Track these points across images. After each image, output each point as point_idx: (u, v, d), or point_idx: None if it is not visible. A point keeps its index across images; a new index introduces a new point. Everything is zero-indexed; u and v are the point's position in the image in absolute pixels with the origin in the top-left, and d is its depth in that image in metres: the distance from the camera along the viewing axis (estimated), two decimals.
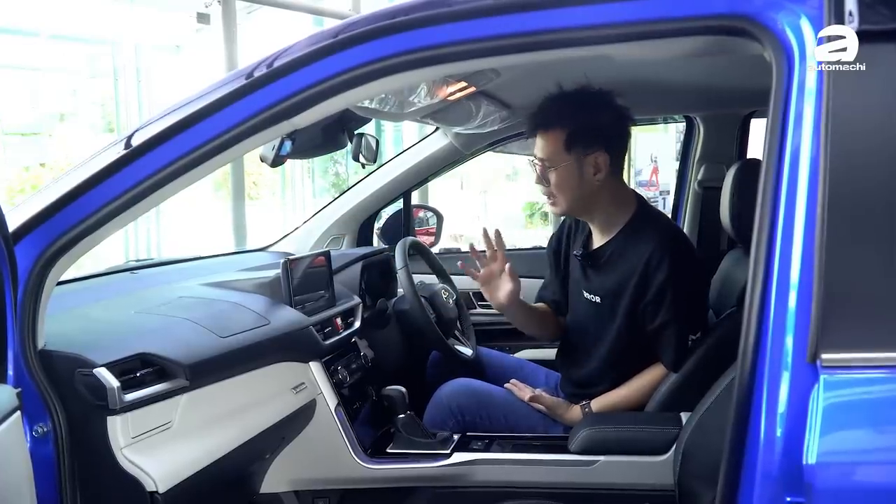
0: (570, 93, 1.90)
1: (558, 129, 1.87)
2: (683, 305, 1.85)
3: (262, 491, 1.88)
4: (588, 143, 1.86)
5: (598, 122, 1.88)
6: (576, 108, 1.88)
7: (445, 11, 1.14)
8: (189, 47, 8.07)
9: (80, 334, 1.38)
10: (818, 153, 0.98)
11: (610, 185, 1.91)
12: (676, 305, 1.83)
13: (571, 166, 1.87)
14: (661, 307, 1.84)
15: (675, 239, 1.91)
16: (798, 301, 0.97)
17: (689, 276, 1.89)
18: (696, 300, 1.94)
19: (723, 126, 2.95)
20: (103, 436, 1.28)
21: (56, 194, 1.22)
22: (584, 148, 1.86)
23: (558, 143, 1.87)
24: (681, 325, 1.85)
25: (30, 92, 7.71)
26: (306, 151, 2.18)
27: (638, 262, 1.86)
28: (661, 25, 1.08)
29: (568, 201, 1.91)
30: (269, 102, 1.20)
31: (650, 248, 1.85)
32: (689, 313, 1.88)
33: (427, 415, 2.04)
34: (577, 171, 1.87)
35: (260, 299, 1.80)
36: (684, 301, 1.86)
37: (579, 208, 1.95)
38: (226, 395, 1.55)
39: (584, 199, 1.91)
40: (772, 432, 0.97)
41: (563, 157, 1.87)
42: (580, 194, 1.89)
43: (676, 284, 1.83)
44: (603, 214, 1.95)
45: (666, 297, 1.83)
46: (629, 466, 1.77)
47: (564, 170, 1.87)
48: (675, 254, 1.84)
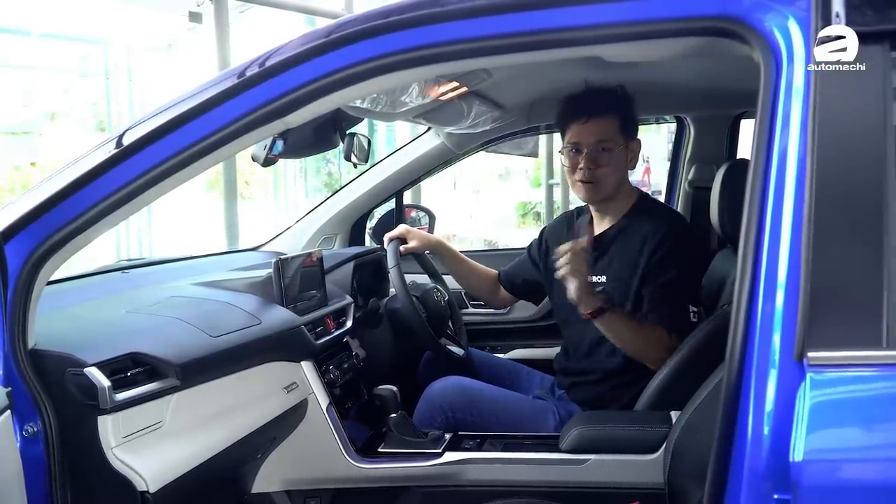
0: (610, 86, 2.04)
1: (613, 115, 2.00)
2: (683, 276, 1.95)
3: (253, 490, 1.88)
4: (632, 131, 2.04)
5: (634, 116, 2.05)
6: (621, 99, 2.03)
7: (438, 11, 1.15)
8: (181, 47, 8.04)
9: (71, 334, 1.38)
10: (805, 153, 0.99)
11: (626, 176, 2.08)
12: (679, 271, 1.94)
13: (623, 150, 2.02)
14: (664, 270, 1.94)
15: (677, 220, 2.09)
16: (785, 300, 0.98)
17: (690, 252, 2.00)
18: (693, 279, 2.02)
19: (713, 127, 2.96)
20: (94, 435, 1.28)
21: (46, 193, 1.22)
22: (630, 134, 2.03)
23: (615, 127, 2.01)
24: (679, 290, 1.93)
25: (20, 91, 7.68)
26: (298, 151, 2.18)
27: (645, 238, 1.97)
28: (651, 26, 1.08)
29: (612, 184, 2.02)
30: (261, 101, 1.20)
31: (655, 225, 1.98)
32: (687, 285, 1.97)
33: (417, 412, 2.04)
34: (623, 156, 2.03)
35: (251, 299, 1.80)
36: (685, 273, 1.96)
37: (614, 190, 2.05)
38: (217, 395, 1.55)
39: (620, 183, 2.05)
40: (759, 430, 0.97)
41: (618, 140, 2.01)
42: (620, 178, 2.04)
43: (678, 256, 1.95)
44: (620, 201, 2.08)
45: (668, 263, 1.94)
46: (619, 465, 1.78)
47: (619, 153, 2.01)
48: (678, 231, 1.99)
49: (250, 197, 10.04)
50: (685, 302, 1.94)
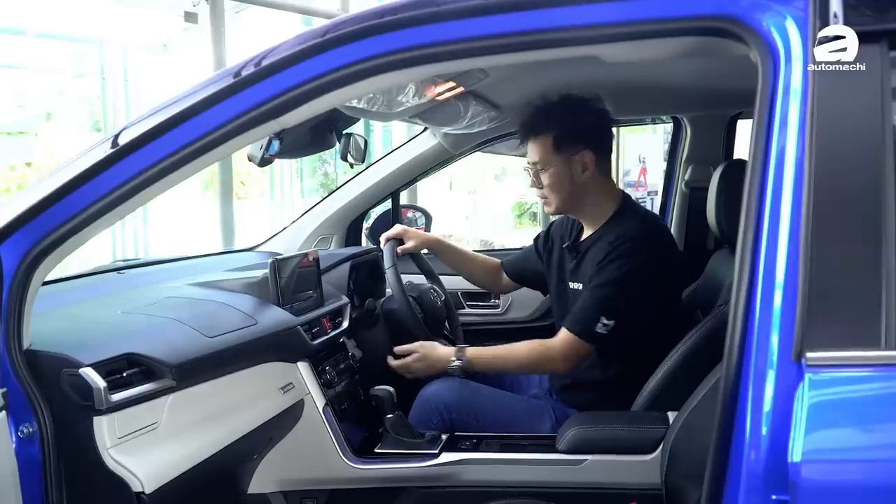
0: (555, 100, 2.04)
1: (546, 134, 2.01)
2: (623, 292, 1.89)
3: (249, 491, 1.87)
4: (574, 144, 2.00)
5: (582, 124, 2.01)
6: (560, 113, 2.02)
7: (433, 11, 1.14)
8: (177, 46, 8.03)
9: (67, 334, 1.38)
10: (803, 153, 0.99)
11: (597, 183, 2.04)
12: (616, 286, 1.89)
13: (561, 167, 2.01)
14: (601, 277, 1.92)
15: (648, 233, 1.98)
16: (783, 300, 0.98)
17: (651, 269, 1.93)
18: (653, 297, 1.95)
19: (710, 127, 2.96)
20: (89, 436, 1.27)
21: (42, 193, 1.21)
22: (570, 148, 2.00)
23: (547, 147, 2.01)
24: (603, 302, 1.90)
25: (16, 91, 7.66)
26: (294, 151, 2.18)
27: (607, 245, 1.95)
28: (648, 26, 1.08)
29: (560, 200, 2.04)
30: (257, 101, 1.20)
31: (620, 232, 1.96)
32: (629, 302, 1.90)
33: (413, 412, 2.04)
34: (567, 171, 2.01)
35: (248, 299, 1.79)
36: (629, 289, 1.90)
37: (570, 206, 2.08)
38: (213, 396, 1.54)
39: (575, 196, 2.04)
40: (757, 430, 0.97)
41: (552, 158, 2.01)
42: (570, 192, 2.03)
43: (629, 271, 1.89)
44: (591, 210, 2.07)
45: (609, 268, 1.91)
46: (617, 465, 1.78)
47: (555, 170, 2.01)
48: (636, 236, 1.93)
49: (246, 197, 10.03)
50: (616, 310, 1.89)
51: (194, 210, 7.82)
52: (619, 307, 1.89)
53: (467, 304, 2.93)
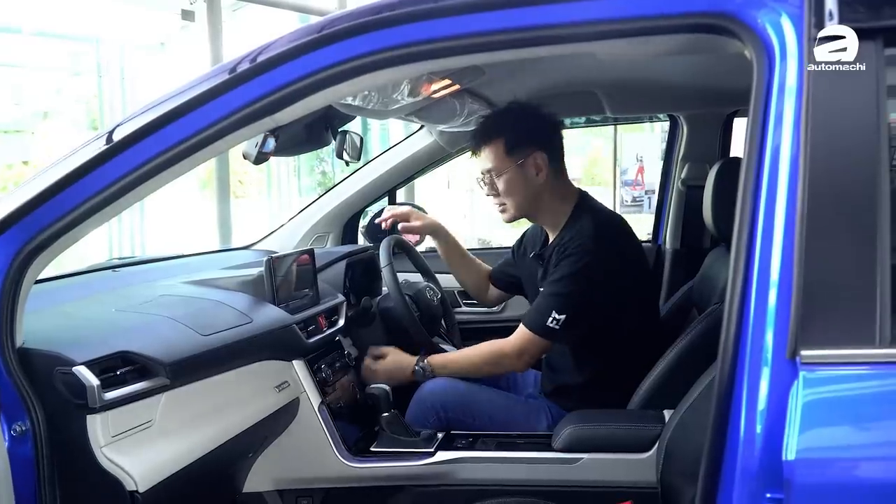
0: (502, 108, 2.12)
1: (497, 139, 2.04)
2: (572, 287, 1.92)
3: (245, 490, 1.87)
4: (526, 146, 2.02)
5: (531, 126, 2.05)
6: (509, 118, 2.06)
7: (429, 8, 1.14)
8: (173, 45, 8.01)
9: (60, 332, 1.37)
10: (798, 151, 0.99)
11: (552, 185, 2.06)
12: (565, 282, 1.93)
13: (515, 171, 2.03)
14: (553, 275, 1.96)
15: (598, 232, 1.98)
16: (778, 298, 0.98)
17: (604, 267, 1.95)
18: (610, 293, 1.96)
19: (706, 125, 2.96)
20: (83, 435, 1.27)
21: (35, 190, 1.20)
22: (523, 151, 2.02)
23: (500, 152, 2.04)
24: (553, 298, 1.94)
25: (13, 89, 7.64)
26: (290, 148, 2.17)
27: (561, 247, 1.98)
28: (643, 23, 1.08)
29: (517, 205, 2.07)
30: (252, 98, 1.19)
31: (573, 233, 1.99)
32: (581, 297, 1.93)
33: (409, 412, 2.04)
34: (521, 174, 2.03)
35: (243, 297, 1.79)
36: (579, 284, 1.92)
37: (528, 210, 2.10)
38: (208, 394, 1.54)
39: (531, 200, 2.06)
40: (751, 429, 0.97)
41: (506, 163, 2.04)
42: (526, 196, 2.05)
43: (580, 268, 1.92)
44: (549, 214, 2.10)
45: (561, 270, 1.94)
46: (613, 464, 1.78)
47: (509, 175, 2.04)
48: (590, 241, 1.94)
49: (244, 196, 10.02)
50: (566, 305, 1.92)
51: (191, 208, 7.81)
52: (569, 302, 1.92)
53: (464, 303, 2.92)
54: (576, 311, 1.93)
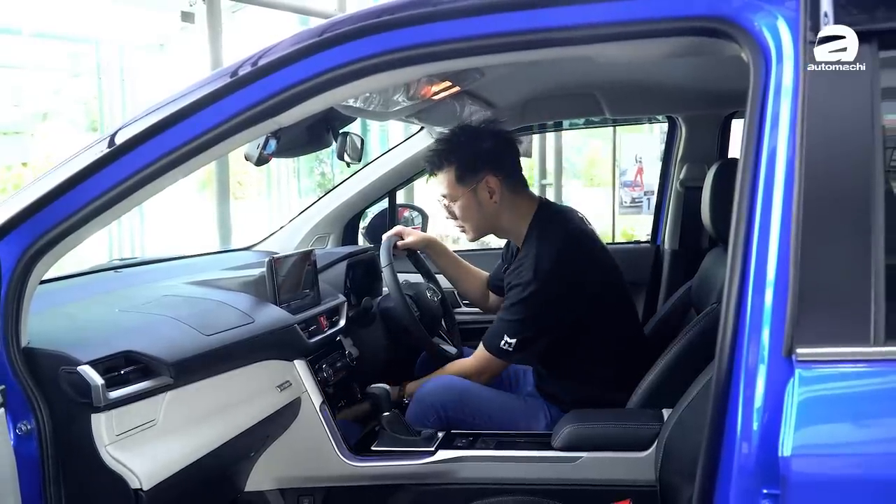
0: (452, 133, 2.13)
1: (448, 168, 2.09)
2: (521, 315, 1.98)
3: (246, 489, 1.88)
4: (476, 172, 2.06)
5: (479, 150, 2.07)
6: (457, 145, 2.09)
7: (430, 11, 1.15)
8: (173, 46, 8.01)
9: (64, 332, 1.38)
10: (794, 152, 1.00)
11: (509, 201, 2.10)
12: (515, 310, 1.99)
13: (468, 197, 2.08)
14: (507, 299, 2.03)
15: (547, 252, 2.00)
16: (774, 297, 0.99)
17: (553, 289, 1.98)
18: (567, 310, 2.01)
19: (704, 126, 2.97)
20: (87, 433, 1.28)
21: (39, 192, 1.21)
22: (473, 177, 2.06)
23: (451, 180, 2.09)
24: (505, 323, 2.01)
25: (12, 90, 7.63)
26: (291, 150, 2.18)
27: (513, 269, 2.05)
28: (641, 26, 1.09)
29: (475, 227, 2.13)
30: (254, 101, 1.20)
31: (523, 256, 2.04)
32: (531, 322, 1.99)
33: (409, 412, 2.05)
34: (474, 200, 2.08)
35: (245, 298, 1.80)
36: (529, 312, 1.98)
37: (487, 230, 2.18)
38: (210, 393, 1.55)
39: (488, 222, 2.12)
40: (748, 426, 0.98)
41: (458, 190, 2.09)
42: (482, 219, 2.11)
43: (527, 296, 1.97)
44: (511, 230, 2.14)
45: (511, 297, 2.01)
46: (612, 462, 1.79)
47: (463, 202, 2.09)
48: (539, 264, 1.97)
49: (243, 197, 10.01)
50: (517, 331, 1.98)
51: (191, 209, 7.80)
52: (518, 328, 1.98)
53: (464, 303, 2.93)
54: (525, 336, 1.98)
